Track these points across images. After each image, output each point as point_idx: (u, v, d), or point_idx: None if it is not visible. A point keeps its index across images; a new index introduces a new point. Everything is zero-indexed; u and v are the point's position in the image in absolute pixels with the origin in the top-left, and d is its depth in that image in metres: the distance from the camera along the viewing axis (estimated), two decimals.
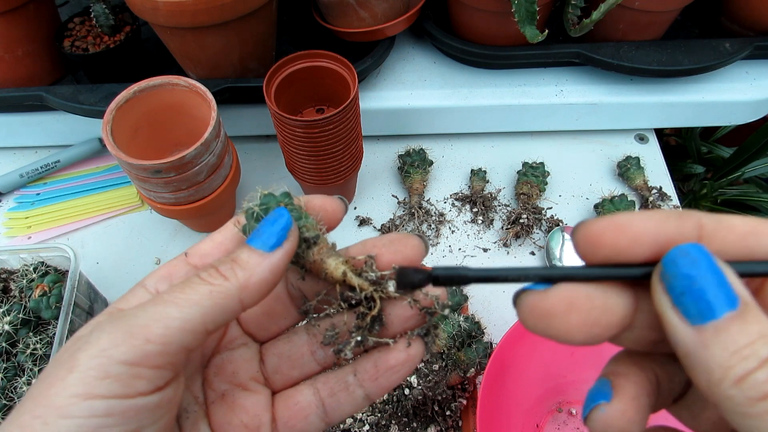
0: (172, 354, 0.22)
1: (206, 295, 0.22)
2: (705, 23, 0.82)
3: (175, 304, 0.22)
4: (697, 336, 0.18)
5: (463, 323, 0.55)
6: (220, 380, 0.28)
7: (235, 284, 0.23)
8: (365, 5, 0.68)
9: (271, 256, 0.24)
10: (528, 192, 0.72)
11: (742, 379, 0.17)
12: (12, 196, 0.77)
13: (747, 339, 0.17)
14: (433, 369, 0.54)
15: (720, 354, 0.17)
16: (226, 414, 0.27)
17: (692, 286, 0.18)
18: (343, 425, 0.54)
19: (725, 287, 0.18)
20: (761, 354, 0.17)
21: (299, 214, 0.25)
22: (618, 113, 0.77)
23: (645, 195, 0.73)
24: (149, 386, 0.21)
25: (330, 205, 0.27)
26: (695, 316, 0.18)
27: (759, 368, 0.17)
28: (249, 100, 0.70)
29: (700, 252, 0.19)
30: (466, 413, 0.55)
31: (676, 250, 0.19)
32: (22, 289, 0.58)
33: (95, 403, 0.20)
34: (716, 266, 0.18)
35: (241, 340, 0.28)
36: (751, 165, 0.94)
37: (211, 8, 0.58)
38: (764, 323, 0.18)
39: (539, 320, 0.20)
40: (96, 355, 0.21)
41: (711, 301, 0.18)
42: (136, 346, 0.21)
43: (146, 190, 0.59)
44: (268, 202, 0.25)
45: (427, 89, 0.76)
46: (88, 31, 0.74)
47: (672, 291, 0.19)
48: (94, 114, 0.68)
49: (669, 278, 0.19)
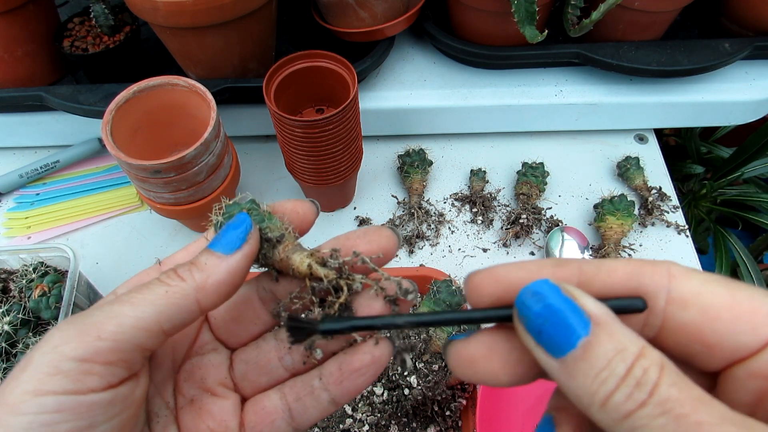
0: (125, 351, 0.22)
1: (161, 295, 0.23)
2: (705, 23, 0.82)
3: (130, 303, 0.22)
4: (562, 368, 0.18)
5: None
6: (189, 385, 0.28)
7: (192, 285, 0.23)
8: (365, 5, 0.68)
9: (229, 259, 0.24)
10: (528, 192, 0.72)
11: (604, 402, 0.17)
12: (12, 196, 0.77)
13: (604, 360, 0.17)
14: (433, 369, 0.55)
15: (583, 382, 0.18)
16: (194, 419, 0.27)
17: (545, 322, 0.19)
18: (342, 425, 0.54)
19: (577, 313, 0.18)
20: (618, 372, 0.17)
21: (262, 217, 0.26)
22: (618, 113, 0.77)
23: (644, 195, 0.73)
24: (101, 383, 0.21)
25: (301, 207, 0.28)
26: (556, 350, 0.18)
27: (617, 389, 0.17)
28: (249, 100, 0.70)
29: (546, 286, 0.19)
30: (466, 413, 0.55)
31: (524, 291, 0.19)
32: (21, 289, 0.58)
33: (45, 399, 0.20)
34: (563, 295, 0.19)
35: (211, 346, 0.28)
36: (751, 165, 0.95)
37: (210, 8, 0.58)
38: (618, 336, 0.18)
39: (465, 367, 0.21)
40: (47, 351, 0.21)
41: (565, 332, 0.18)
42: (87, 343, 0.21)
43: (146, 190, 0.59)
44: (231, 210, 0.26)
45: (427, 89, 0.76)
46: (87, 31, 0.74)
47: (531, 331, 0.19)
48: (93, 114, 0.68)
49: (524, 319, 0.19)
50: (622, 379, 0.17)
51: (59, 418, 0.20)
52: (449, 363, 0.22)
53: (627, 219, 0.67)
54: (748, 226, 1.01)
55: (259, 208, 0.27)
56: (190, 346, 0.28)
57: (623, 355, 0.17)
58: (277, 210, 0.27)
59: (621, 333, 0.18)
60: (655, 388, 0.17)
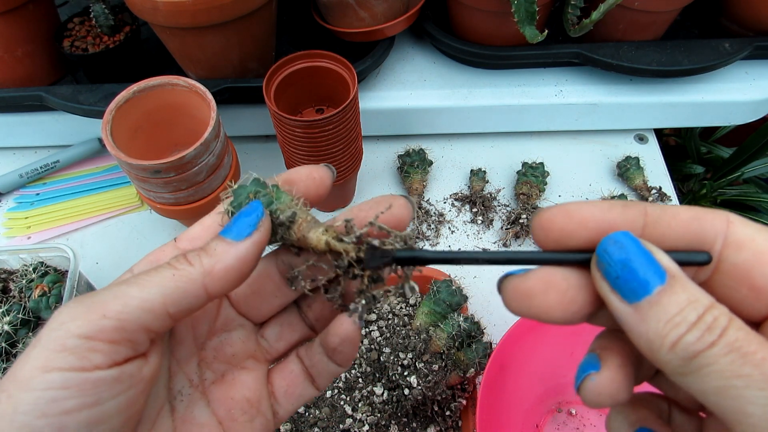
0: (129, 331, 0.22)
1: (168, 278, 0.23)
2: (705, 23, 0.82)
3: (137, 284, 0.23)
4: (635, 313, 0.20)
5: (462, 323, 0.55)
6: (219, 362, 0.29)
7: (199, 270, 0.24)
8: (365, 5, 0.68)
9: (238, 245, 0.24)
10: (528, 192, 0.72)
11: (675, 344, 0.19)
12: (11, 196, 0.77)
13: (677, 307, 0.19)
14: (433, 369, 0.54)
15: (655, 325, 0.19)
16: (227, 391, 0.28)
17: (624, 270, 0.20)
18: (343, 425, 0.54)
19: (653, 265, 0.20)
20: (690, 319, 0.19)
21: (270, 198, 0.26)
22: (617, 113, 0.77)
23: (644, 195, 0.73)
24: (106, 360, 0.22)
25: (316, 172, 0.28)
26: (631, 295, 0.20)
27: (688, 332, 0.19)
28: (249, 100, 0.70)
29: (627, 237, 0.21)
30: (466, 413, 0.55)
31: (606, 240, 0.21)
32: (21, 289, 0.58)
33: (52, 375, 0.21)
34: (643, 247, 0.20)
35: (237, 322, 0.29)
36: (751, 165, 0.95)
37: (210, 8, 0.58)
38: (691, 290, 0.20)
39: (521, 301, 0.22)
40: (55, 328, 0.22)
41: (642, 280, 0.20)
42: (92, 321, 0.22)
43: (146, 190, 0.59)
44: (239, 196, 0.26)
45: (427, 89, 0.76)
46: (87, 31, 0.74)
47: (608, 276, 0.21)
48: (93, 114, 0.68)
49: (604, 265, 0.21)
50: (694, 324, 0.19)
51: (66, 394, 0.21)
52: (503, 296, 0.22)
53: None
54: None
55: (266, 188, 0.26)
56: (212, 324, 0.29)
57: (695, 305, 0.19)
58: (290, 180, 0.27)
59: (693, 287, 0.20)
60: (724, 332, 0.18)
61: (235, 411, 0.28)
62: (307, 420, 0.54)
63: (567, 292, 0.22)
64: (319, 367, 0.29)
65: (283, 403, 0.29)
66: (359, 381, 0.56)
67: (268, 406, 0.29)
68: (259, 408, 0.28)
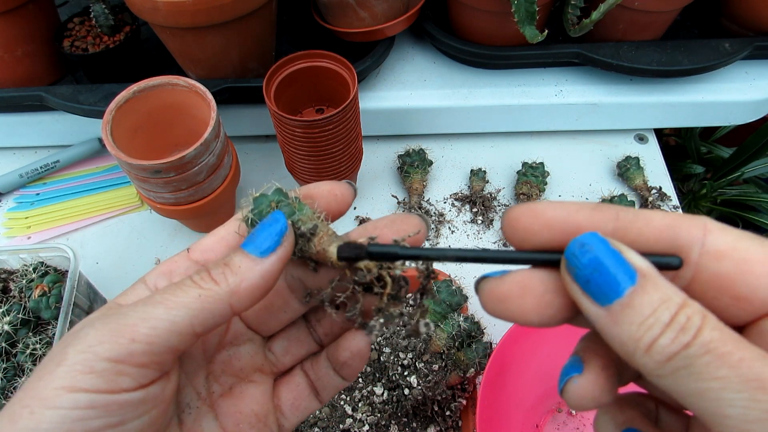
0: (158, 354, 0.22)
1: (195, 299, 0.23)
2: (705, 23, 0.82)
3: (164, 305, 0.23)
4: (608, 316, 0.19)
5: (462, 323, 0.55)
6: (227, 375, 0.29)
7: (226, 289, 0.23)
8: (365, 5, 0.68)
9: (263, 262, 0.24)
10: (528, 192, 0.72)
11: (649, 347, 0.18)
12: (12, 196, 0.77)
13: (649, 308, 0.19)
14: (433, 369, 0.54)
15: (628, 328, 0.19)
16: (235, 404, 0.28)
17: (593, 273, 0.20)
18: (343, 425, 0.54)
19: (623, 265, 0.19)
20: (663, 319, 0.18)
21: (292, 209, 0.26)
22: (617, 113, 0.77)
23: (645, 195, 0.73)
24: (133, 383, 0.22)
25: (339, 189, 0.28)
26: (602, 298, 0.19)
27: (662, 334, 0.18)
28: (249, 100, 0.70)
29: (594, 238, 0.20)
30: (466, 413, 0.55)
31: (573, 242, 0.20)
32: (21, 289, 0.58)
33: (79, 395, 0.21)
34: (611, 248, 0.20)
35: (246, 336, 0.29)
36: (751, 165, 0.95)
37: (210, 8, 0.58)
38: (664, 289, 0.19)
39: (497, 304, 0.22)
40: (83, 350, 0.21)
41: (612, 282, 0.19)
42: (122, 345, 0.22)
43: (146, 190, 0.59)
44: (260, 204, 0.25)
45: (427, 89, 0.76)
46: (87, 31, 0.74)
47: (578, 280, 0.20)
48: (93, 114, 0.68)
49: (573, 269, 0.20)
50: (667, 325, 0.18)
51: (92, 414, 0.21)
52: (481, 298, 0.22)
53: None
54: (748, 226, 1.01)
55: (287, 198, 0.26)
56: (222, 337, 0.29)
57: (668, 305, 0.19)
58: (310, 195, 0.27)
59: (665, 285, 0.19)
60: (698, 332, 0.18)
61: (243, 425, 0.28)
62: (307, 420, 0.54)
63: (543, 296, 0.21)
64: (325, 380, 0.29)
65: (289, 416, 0.30)
66: (359, 381, 0.56)
67: (274, 419, 0.29)
68: (266, 422, 0.29)
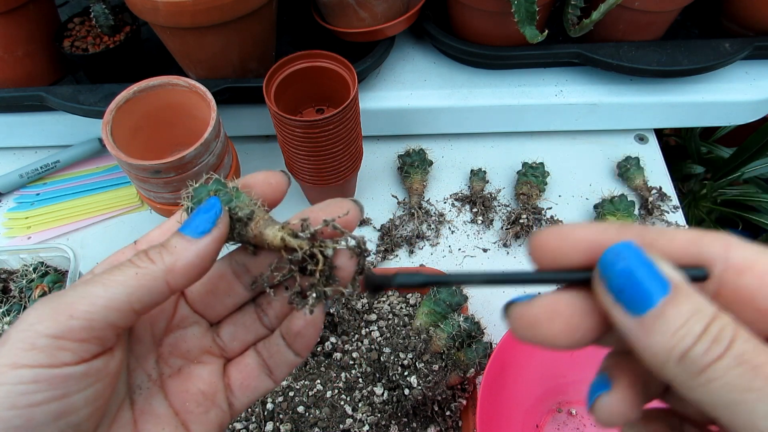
0: (97, 329, 0.23)
1: (132, 277, 0.24)
2: (705, 23, 0.82)
3: (102, 284, 0.24)
4: (640, 326, 0.19)
5: (463, 323, 0.55)
6: (175, 357, 0.30)
7: (161, 267, 0.25)
8: (365, 5, 0.68)
9: (198, 242, 0.25)
10: (528, 192, 0.72)
11: (682, 357, 0.18)
12: (12, 196, 0.77)
13: (682, 319, 0.19)
14: (433, 369, 0.54)
15: (661, 338, 0.19)
16: (183, 384, 0.29)
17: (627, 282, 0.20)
18: (343, 425, 0.54)
19: (656, 275, 0.20)
20: (696, 330, 0.18)
21: (230, 197, 0.27)
22: (618, 113, 0.77)
23: (645, 195, 0.73)
24: (74, 357, 0.23)
25: (273, 178, 0.29)
26: (635, 308, 0.19)
27: (695, 344, 0.18)
28: (249, 100, 0.70)
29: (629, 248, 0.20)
30: (466, 413, 0.55)
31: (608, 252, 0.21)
32: (21, 289, 0.58)
33: (22, 372, 0.22)
34: (645, 258, 0.20)
35: (192, 319, 0.30)
36: (751, 165, 0.94)
37: (210, 8, 0.58)
38: (696, 300, 0.19)
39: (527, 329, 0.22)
40: (24, 329, 0.23)
41: (646, 292, 0.19)
42: (60, 321, 0.23)
43: (146, 190, 0.59)
44: (199, 194, 0.27)
45: (427, 89, 0.76)
46: (87, 31, 0.74)
47: (612, 289, 0.20)
48: (94, 114, 0.68)
49: (606, 279, 0.21)
50: (699, 336, 0.18)
51: (35, 388, 0.22)
52: (510, 323, 0.23)
53: (627, 219, 0.67)
54: (749, 227, 1.01)
55: (226, 187, 0.27)
56: (169, 321, 0.30)
57: (700, 316, 0.19)
58: (247, 185, 0.28)
59: (697, 296, 0.19)
60: (731, 343, 0.18)
61: (190, 403, 0.29)
62: (307, 420, 0.54)
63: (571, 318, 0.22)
64: (277, 357, 0.30)
65: (239, 395, 0.30)
66: (359, 381, 0.56)
67: (224, 398, 0.30)
68: (214, 400, 0.29)
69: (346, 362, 0.58)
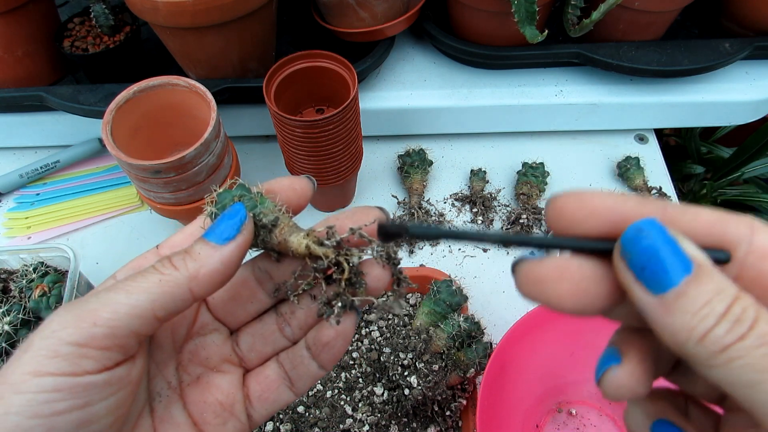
0: (120, 337, 0.23)
1: (155, 284, 0.24)
2: (705, 23, 0.82)
3: (125, 291, 0.24)
4: (660, 304, 0.19)
5: (463, 323, 0.55)
6: (194, 365, 0.29)
7: (185, 274, 0.24)
8: (365, 5, 0.68)
9: (222, 249, 0.25)
10: (528, 192, 0.72)
11: (703, 337, 0.18)
12: (12, 196, 0.77)
13: (704, 298, 0.19)
14: (433, 369, 0.54)
15: (682, 317, 0.19)
16: (201, 394, 0.29)
17: (650, 260, 0.19)
18: (343, 425, 0.54)
19: (679, 254, 0.19)
20: (718, 310, 0.18)
21: (254, 203, 0.27)
22: (618, 113, 0.77)
23: (645, 195, 0.73)
24: (96, 365, 0.23)
25: (298, 183, 0.29)
26: (657, 286, 0.19)
27: (717, 324, 0.18)
28: (249, 100, 0.70)
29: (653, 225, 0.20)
30: (466, 413, 0.55)
31: (632, 228, 0.20)
32: (21, 289, 0.58)
33: (44, 379, 0.22)
34: (669, 236, 0.20)
35: (212, 326, 0.30)
36: (751, 165, 0.94)
37: (210, 8, 0.58)
38: (718, 280, 0.19)
39: (533, 285, 0.22)
40: (46, 336, 0.22)
41: (669, 270, 0.19)
42: (83, 329, 0.22)
43: (146, 190, 0.59)
44: (223, 199, 0.27)
45: (427, 89, 0.76)
46: (87, 31, 0.74)
47: (633, 267, 0.20)
48: (93, 114, 0.68)
49: (629, 255, 0.20)
50: (722, 315, 0.18)
51: (57, 396, 0.22)
52: (517, 280, 0.22)
53: None
54: None
55: (250, 192, 0.27)
56: (190, 328, 0.29)
57: (723, 296, 0.19)
58: (271, 190, 0.28)
59: (720, 277, 0.19)
60: (754, 324, 0.18)
61: (208, 414, 0.28)
62: (307, 420, 0.54)
63: (581, 283, 0.21)
64: (300, 369, 0.29)
65: (258, 407, 0.30)
66: (359, 381, 0.56)
67: (242, 409, 0.29)
68: (232, 411, 0.29)
69: (345, 362, 0.58)
